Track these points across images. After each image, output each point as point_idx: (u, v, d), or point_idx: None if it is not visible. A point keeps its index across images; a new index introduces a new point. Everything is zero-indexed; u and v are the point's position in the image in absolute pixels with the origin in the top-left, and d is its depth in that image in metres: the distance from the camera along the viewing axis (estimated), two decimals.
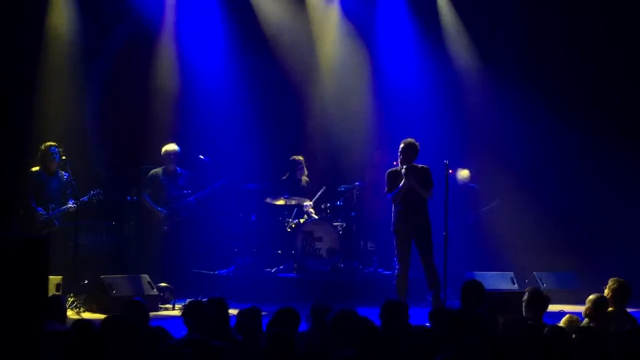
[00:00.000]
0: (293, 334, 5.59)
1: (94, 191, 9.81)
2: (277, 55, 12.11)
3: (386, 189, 9.26)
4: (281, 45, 12.14)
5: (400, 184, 9.09)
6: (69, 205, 9.71)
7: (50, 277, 8.22)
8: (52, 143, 9.86)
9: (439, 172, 9.37)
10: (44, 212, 9.69)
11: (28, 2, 10.96)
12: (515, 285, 10.64)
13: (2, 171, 10.56)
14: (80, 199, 9.70)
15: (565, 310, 8.89)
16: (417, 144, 9.18)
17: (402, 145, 9.16)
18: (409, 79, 12.30)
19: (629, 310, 6.92)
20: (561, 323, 6.61)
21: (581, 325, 6.36)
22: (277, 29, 12.12)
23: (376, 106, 12.36)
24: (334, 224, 11.27)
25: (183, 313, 6.00)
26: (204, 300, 6.36)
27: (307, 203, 11.40)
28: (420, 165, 9.22)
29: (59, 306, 6.44)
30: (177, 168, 10.70)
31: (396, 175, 9.21)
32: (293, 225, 11.22)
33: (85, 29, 11.18)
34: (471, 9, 12.28)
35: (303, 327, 6.11)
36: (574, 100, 11.86)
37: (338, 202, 11.47)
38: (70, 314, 9.02)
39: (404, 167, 9.07)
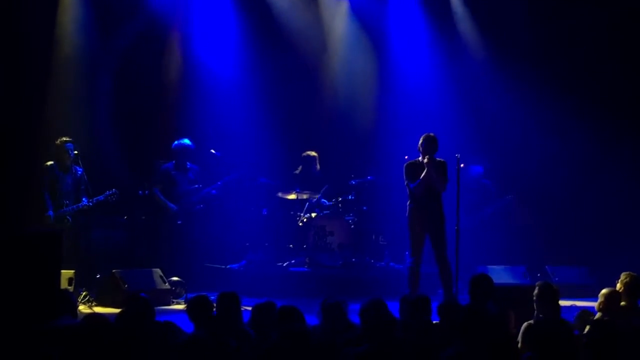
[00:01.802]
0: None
1: (109, 191, 9.75)
2: (288, 50, 12.10)
3: (406, 181, 9.24)
4: (292, 39, 12.13)
5: (422, 174, 9.10)
6: (83, 204, 9.69)
7: (63, 271, 8.23)
8: (67, 139, 9.79)
9: (450, 166, 9.36)
10: (53, 218, 9.65)
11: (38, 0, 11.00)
12: (528, 279, 10.63)
13: (14, 167, 10.60)
14: (96, 198, 9.66)
15: (577, 305, 8.87)
16: (437, 138, 9.21)
17: (424, 139, 9.16)
18: (421, 74, 12.28)
19: None
20: (575, 318, 6.60)
21: (595, 318, 6.33)
22: (289, 23, 12.11)
23: (388, 101, 12.34)
24: (346, 218, 11.28)
25: (187, 309, 5.93)
26: (208, 295, 6.24)
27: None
28: (438, 159, 9.22)
29: (69, 300, 6.47)
30: (187, 163, 10.72)
31: (415, 167, 9.20)
32: (305, 220, 11.22)
33: (97, 25, 11.21)
34: (484, 3, 12.22)
35: (314, 322, 6.12)
36: (587, 95, 11.78)
37: (350, 197, 11.46)
38: (83, 308, 9.07)
39: (427, 156, 9.09)
